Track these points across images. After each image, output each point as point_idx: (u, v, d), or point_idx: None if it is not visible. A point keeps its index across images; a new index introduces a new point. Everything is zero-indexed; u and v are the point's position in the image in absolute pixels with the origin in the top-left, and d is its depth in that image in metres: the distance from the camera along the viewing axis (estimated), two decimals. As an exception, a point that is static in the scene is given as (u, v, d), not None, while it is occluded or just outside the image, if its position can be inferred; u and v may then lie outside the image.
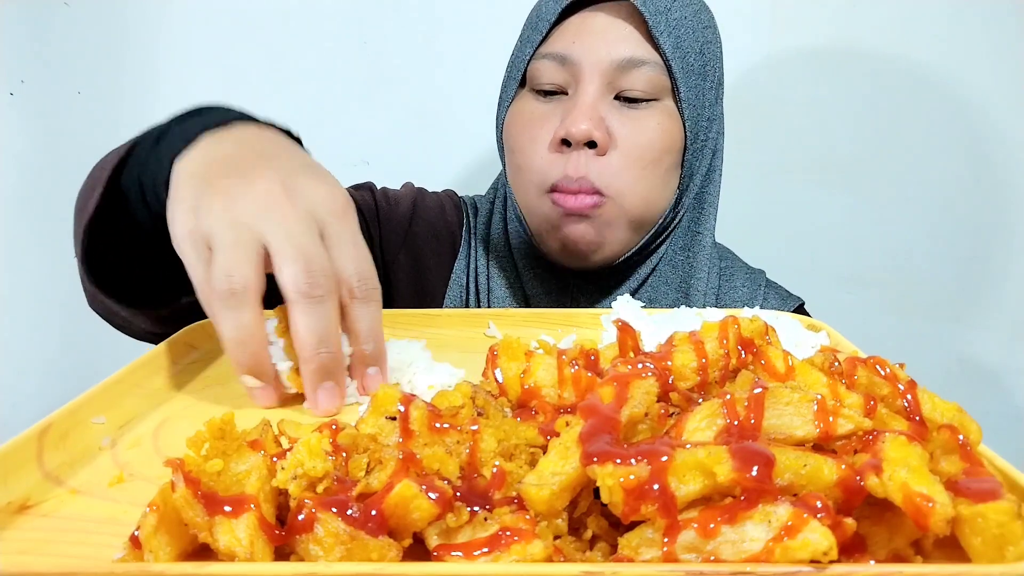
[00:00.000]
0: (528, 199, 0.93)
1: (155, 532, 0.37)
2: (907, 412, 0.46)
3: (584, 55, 0.87)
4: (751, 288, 1.04)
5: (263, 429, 0.46)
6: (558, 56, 0.89)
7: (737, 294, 1.03)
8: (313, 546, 0.37)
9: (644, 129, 0.88)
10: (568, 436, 0.41)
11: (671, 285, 0.99)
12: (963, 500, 0.37)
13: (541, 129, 0.90)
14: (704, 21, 0.92)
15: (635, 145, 0.87)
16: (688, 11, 0.89)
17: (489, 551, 0.36)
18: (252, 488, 0.39)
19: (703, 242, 0.99)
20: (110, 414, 0.57)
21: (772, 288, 1.06)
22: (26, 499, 0.46)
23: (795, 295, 1.07)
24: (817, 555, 0.34)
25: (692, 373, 0.51)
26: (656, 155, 0.88)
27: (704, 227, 0.99)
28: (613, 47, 0.86)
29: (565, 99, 0.90)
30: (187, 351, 0.73)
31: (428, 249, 1.05)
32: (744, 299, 1.02)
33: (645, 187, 0.89)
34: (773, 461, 0.37)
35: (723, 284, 1.04)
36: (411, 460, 0.40)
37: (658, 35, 0.85)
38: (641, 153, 0.87)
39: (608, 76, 0.87)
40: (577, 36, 0.88)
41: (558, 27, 0.90)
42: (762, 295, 1.04)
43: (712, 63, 0.92)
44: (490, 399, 0.50)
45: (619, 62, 0.86)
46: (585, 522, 0.40)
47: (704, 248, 0.99)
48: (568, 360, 0.53)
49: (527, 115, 0.92)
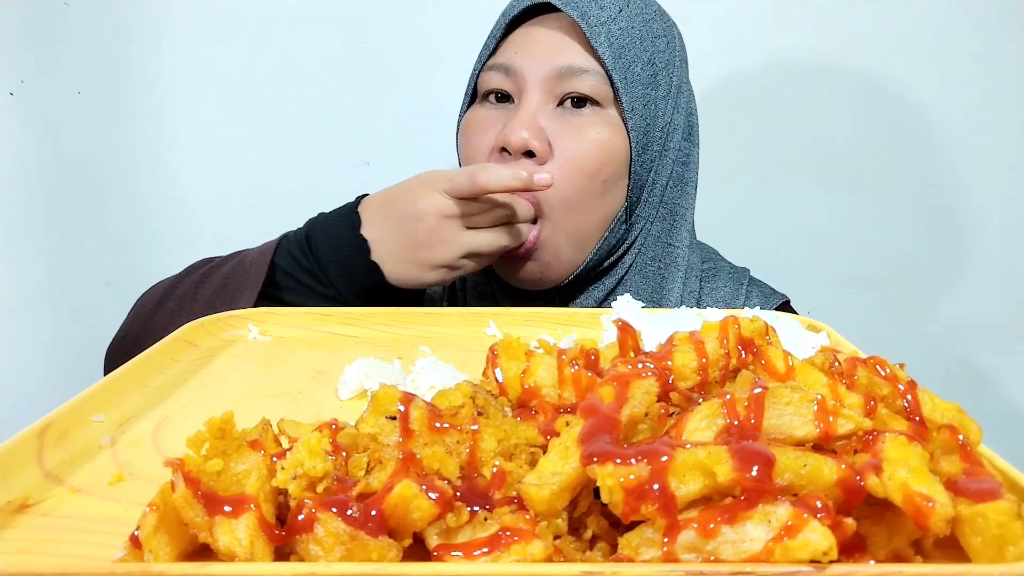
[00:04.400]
0: None
1: (155, 532, 0.37)
2: (907, 412, 0.46)
3: (526, 65, 0.89)
4: (733, 288, 1.04)
5: (263, 429, 0.46)
6: (503, 67, 0.91)
7: (719, 294, 1.03)
8: (313, 546, 0.37)
9: (583, 139, 0.89)
10: (568, 436, 0.41)
11: (641, 295, 0.99)
12: (963, 500, 0.36)
13: (484, 135, 0.92)
14: (656, 31, 0.93)
15: (573, 154, 0.88)
16: (636, 21, 0.90)
17: (489, 551, 0.36)
18: (252, 488, 0.39)
19: (676, 253, 0.99)
20: (110, 412, 0.57)
21: (755, 286, 1.06)
22: (26, 498, 0.46)
23: (780, 292, 1.06)
24: (817, 555, 0.34)
25: (692, 373, 0.51)
26: (596, 165, 0.89)
27: (676, 237, 0.99)
28: (554, 57, 0.89)
29: (511, 106, 0.92)
30: (187, 349, 0.73)
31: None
32: (726, 299, 1.02)
33: (582, 197, 0.89)
34: (773, 461, 0.37)
35: (705, 284, 1.03)
36: (411, 460, 0.40)
37: (596, 45, 0.87)
38: (580, 163, 0.88)
39: (549, 84, 0.89)
40: (520, 47, 0.91)
41: (505, 40, 0.94)
42: (744, 294, 1.03)
43: (665, 72, 0.93)
44: (490, 399, 0.50)
45: (559, 70, 0.88)
46: (585, 522, 0.40)
47: (676, 258, 0.99)
48: (568, 360, 0.53)
49: (474, 122, 0.95)
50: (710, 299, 1.02)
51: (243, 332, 0.79)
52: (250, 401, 0.62)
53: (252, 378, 0.69)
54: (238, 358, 0.74)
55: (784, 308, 1.04)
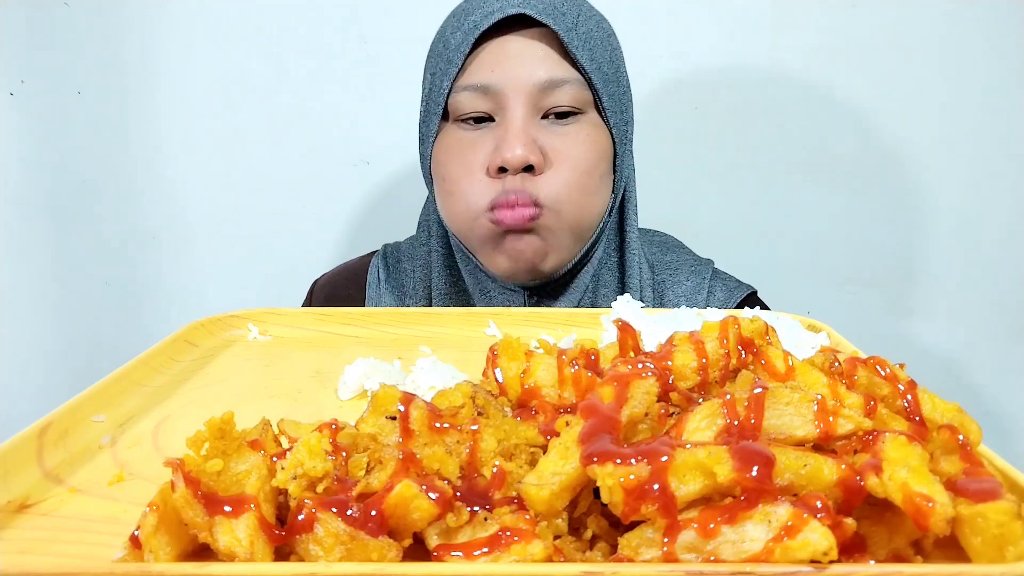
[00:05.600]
0: (465, 222, 0.92)
1: (155, 532, 0.37)
2: (907, 412, 0.46)
3: (506, 82, 0.87)
4: (696, 282, 1.03)
5: (263, 429, 0.46)
6: (479, 87, 0.89)
7: (681, 289, 1.03)
8: (313, 546, 0.37)
9: (575, 143, 0.89)
10: (568, 436, 0.41)
11: (610, 288, 1.00)
12: (963, 500, 0.37)
13: (473, 156, 0.89)
14: (607, 30, 0.94)
15: (569, 160, 0.89)
16: (592, 23, 0.91)
17: (489, 551, 0.36)
18: (252, 488, 0.39)
19: (629, 238, 1.00)
20: (110, 412, 0.57)
21: (719, 279, 1.05)
22: (26, 498, 0.46)
23: (746, 284, 1.06)
24: (817, 555, 0.34)
25: (692, 373, 0.51)
26: (590, 165, 0.90)
27: (629, 224, 1.00)
28: (533, 70, 0.87)
29: (493, 125, 0.90)
30: (187, 349, 0.73)
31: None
32: (688, 293, 1.02)
33: (581, 196, 0.90)
34: (773, 461, 0.37)
35: (667, 279, 1.03)
36: (411, 460, 0.40)
37: (574, 51, 0.87)
38: (575, 165, 0.89)
39: (533, 99, 0.88)
40: (495, 64, 0.88)
41: (472, 57, 0.90)
42: (707, 288, 1.03)
43: (621, 68, 0.95)
44: (490, 399, 0.50)
45: (541, 84, 0.87)
46: (585, 522, 0.40)
47: (631, 244, 1.00)
48: (568, 360, 0.53)
49: (456, 145, 0.92)
50: (672, 293, 1.02)
51: (243, 332, 0.79)
52: (250, 401, 0.62)
53: (252, 378, 0.69)
54: (238, 358, 0.74)
55: (751, 299, 1.04)
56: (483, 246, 0.92)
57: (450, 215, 0.95)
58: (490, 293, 0.98)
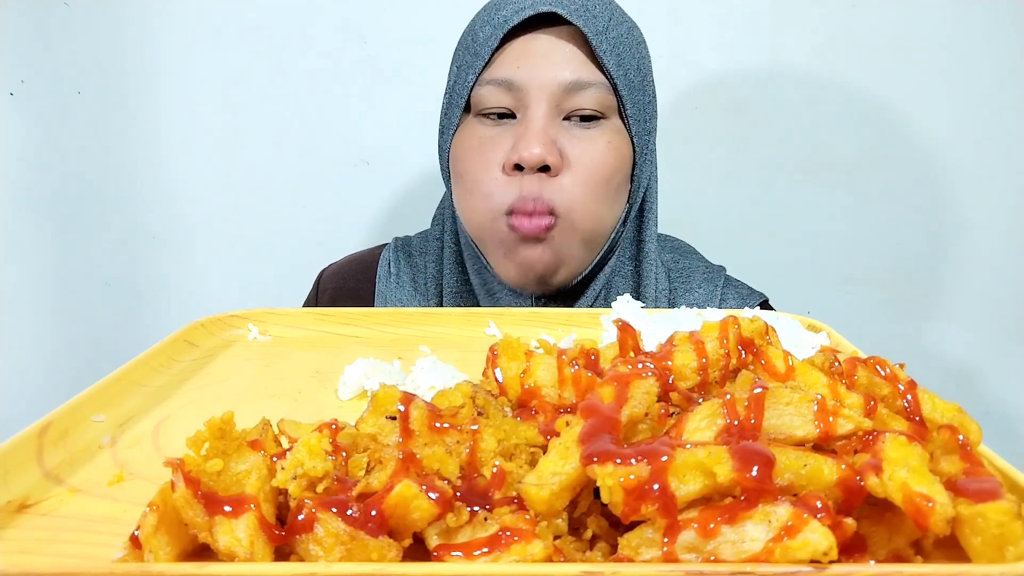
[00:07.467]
0: (481, 223, 0.91)
1: (155, 532, 0.37)
2: (907, 412, 0.46)
3: (530, 79, 0.87)
4: (708, 289, 1.03)
5: (263, 429, 0.46)
6: (503, 81, 0.88)
7: (693, 296, 1.02)
8: (313, 546, 0.37)
9: (595, 149, 0.88)
10: (568, 436, 0.41)
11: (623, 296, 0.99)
12: (963, 500, 0.37)
13: (493, 152, 0.89)
14: (637, 38, 0.93)
15: (587, 165, 0.88)
16: (623, 29, 0.90)
17: (489, 551, 0.36)
18: (252, 488, 0.39)
19: (647, 248, 0.99)
20: (110, 412, 0.57)
21: (731, 286, 1.05)
22: (26, 498, 0.46)
23: (758, 291, 1.05)
24: (817, 555, 0.34)
25: (692, 373, 0.51)
26: (608, 173, 0.89)
27: (647, 234, 0.99)
28: (558, 70, 0.87)
29: (514, 122, 0.89)
30: (187, 349, 0.73)
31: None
32: (701, 301, 1.01)
33: (597, 204, 0.89)
34: (773, 461, 0.37)
35: (679, 287, 1.03)
36: (411, 460, 0.40)
37: (602, 55, 0.86)
38: (593, 172, 0.88)
39: (556, 99, 0.87)
40: (521, 60, 0.88)
41: (499, 52, 0.90)
42: (720, 296, 1.02)
43: (648, 77, 0.94)
44: (490, 399, 0.50)
45: (566, 85, 0.86)
46: (585, 522, 0.40)
47: (649, 254, 0.99)
48: (568, 360, 0.53)
49: (476, 140, 0.91)
50: (684, 301, 1.01)
51: (243, 332, 0.79)
52: (250, 401, 0.62)
53: (252, 378, 0.69)
54: (238, 358, 0.74)
55: (763, 307, 1.03)
56: (496, 249, 0.92)
57: (467, 214, 0.94)
58: (496, 295, 0.97)
